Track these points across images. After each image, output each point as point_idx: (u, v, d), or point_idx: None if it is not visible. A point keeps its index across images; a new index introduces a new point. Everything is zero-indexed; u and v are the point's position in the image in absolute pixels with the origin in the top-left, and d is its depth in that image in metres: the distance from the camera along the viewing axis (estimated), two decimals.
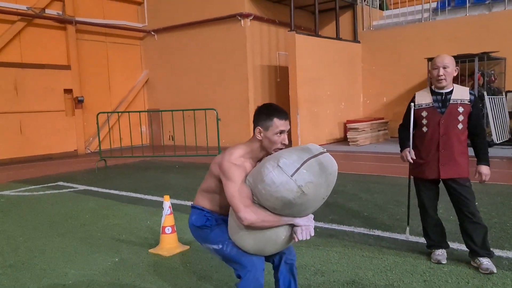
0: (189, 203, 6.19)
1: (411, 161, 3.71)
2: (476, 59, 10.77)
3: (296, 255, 3.91)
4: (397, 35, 13.82)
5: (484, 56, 10.98)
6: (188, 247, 4.33)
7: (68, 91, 13.84)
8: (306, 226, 2.24)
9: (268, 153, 2.42)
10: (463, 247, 3.92)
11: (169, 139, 14.72)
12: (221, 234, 2.44)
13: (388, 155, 10.36)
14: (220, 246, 2.41)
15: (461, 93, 3.55)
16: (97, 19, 14.64)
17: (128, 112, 10.95)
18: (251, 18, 13.00)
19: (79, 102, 13.90)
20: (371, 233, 4.55)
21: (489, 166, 3.54)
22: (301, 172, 2.11)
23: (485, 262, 3.47)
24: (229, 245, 2.39)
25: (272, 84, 14.02)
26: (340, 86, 13.56)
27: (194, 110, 9.43)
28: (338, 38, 13.76)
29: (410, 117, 3.72)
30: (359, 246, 4.16)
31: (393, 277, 3.45)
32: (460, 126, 3.54)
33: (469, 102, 3.52)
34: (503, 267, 3.51)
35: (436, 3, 14.09)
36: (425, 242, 3.89)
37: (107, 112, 10.69)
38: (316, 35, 12.85)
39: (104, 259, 4.11)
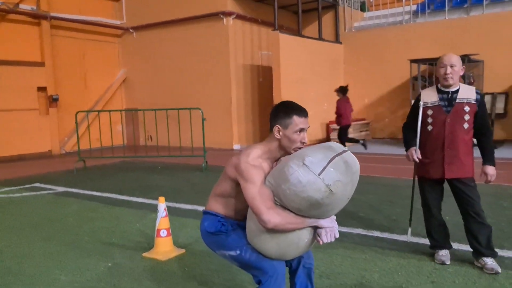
0: (178, 205, 6.00)
1: (417, 160, 3.67)
2: None
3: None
4: (379, 37, 13.94)
5: (464, 59, 11.17)
6: (184, 250, 4.16)
7: (42, 89, 13.33)
8: (330, 228, 2.14)
9: (287, 153, 2.31)
10: (463, 247, 3.93)
11: (148, 139, 14.39)
12: (239, 240, 2.31)
13: (373, 156, 10.39)
14: (238, 252, 2.28)
15: (467, 93, 3.52)
16: (73, 15, 14.16)
17: (109, 111, 10.60)
18: (234, 16, 12.86)
19: (53, 100, 13.40)
20: (370, 234, 4.50)
21: (495, 166, 3.53)
22: (328, 170, 2.00)
23: (490, 262, 3.45)
24: (248, 250, 2.26)
25: (255, 84, 13.91)
26: (322, 87, 13.56)
27: (178, 109, 9.20)
28: (320, 38, 13.78)
29: (418, 115, 3.66)
30: (360, 248, 4.08)
31: (400, 279, 3.39)
32: (466, 125, 3.51)
33: (475, 101, 3.49)
34: (506, 266, 3.50)
35: (416, 5, 14.29)
36: (427, 243, 3.85)
37: (87, 111, 10.33)
38: (300, 35, 12.81)
39: (96, 264, 3.89)
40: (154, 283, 3.45)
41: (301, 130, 2.25)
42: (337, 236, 2.16)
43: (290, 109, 2.26)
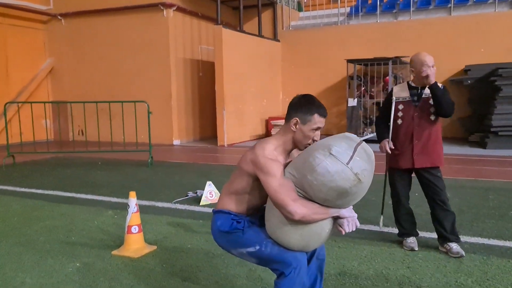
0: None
1: (389, 151, 3.86)
2: (390, 62, 11.66)
3: None
4: (315, 36, 14.39)
5: (397, 60, 11.93)
6: (155, 247, 4.00)
7: None
8: (352, 217, 2.18)
9: (297, 148, 2.32)
10: (424, 234, 4.20)
11: (79, 134, 13.56)
12: (256, 235, 2.27)
13: None
14: (258, 247, 2.23)
15: None
16: None
17: (44, 102, 9.83)
18: (174, 8, 12.53)
19: None
20: None
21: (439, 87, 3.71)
22: (355, 159, 2.04)
23: (455, 246, 3.73)
24: (269, 244, 2.23)
25: (195, 79, 13.68)
26: (262, 83, 13.72)
27: (122, 102, 8.76)
28: (260, 35, 13.90)
29: (391, 110, 3.85)
30: (331, 237, 4.20)
31: (378, 265, 3.54)
32: (432, 117, 3.76)
33: None
34: (467, 250, 3.79)
35: (350, 8, 14.96)
36: (394, 231, 4.07)
37: (17, 102, 9.46)
38: (241, 31, 12.83)
39: (62, 265, 3.60)
40: (135, 282, 3.27)
41: (318, 128, 2.27)
42: (358, 225, 2.20)
43: (314, 106, 2.26)
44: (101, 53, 13.69)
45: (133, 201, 3.88)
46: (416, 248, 3.85)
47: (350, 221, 2.16)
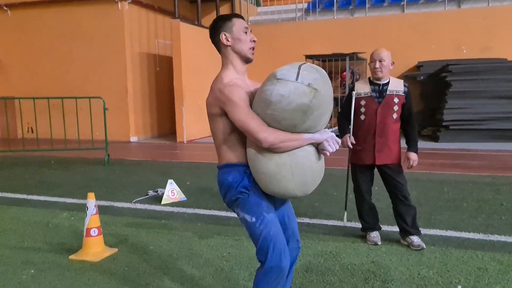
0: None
1: (351, 146, 3.89)
2: (347, 58, 11.87)
3: (242, 250, 3.80)
4: (274, 32, 14.41)
5: (354, 56, 12.16)
6: (116, 249, 3.84)
7: None
8: (330, 137, 2.08)
9: (246, 58, 2.22)
10: (386, 227, 4.29)
11: (28, 131, 12.90)
12: (258, 204, 2.13)
13: None
14: (254, 220, 2.11)
15: (396, 85, 3.83)
16: None
17: (5, 98, 9.21)
18: (129, 1, 12.14)
19: None
20: (300, 221, 4.64)
21: (417, 153, 3.91)
22: (302, 74, 1.99)
23: (416, 239, 3.83)
24: (263, 222, 2.10)
25: (152, 73, 13.35)
26: None
27: (76, 98, 8.37)
28: None
29: (351, 105, 3.88)
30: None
31: (344, 261, 3.57)
32: (394, 115, 3.82)
33: (403, 93, 3.82)
34: (427, 242, 3.91)
35: (307, 4, 15.09)
36: (358, 226, 4.13)
37: None
38: (199, 25, 12.62)
39: (14, 273, 3.38)
40: (95, 287, 3.12)
41: (246, 28, 2.21)
42: (340, 142, 2.12)
43: (226, 16, 2.23)
44: (52, 46, 13.07)
45: (91, 202, 3.70)
46: (379, 242, 3.92)
47: (330, 140, 2.08)
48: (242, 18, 2.25)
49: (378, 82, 3.83)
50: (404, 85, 3.86)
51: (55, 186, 6.56)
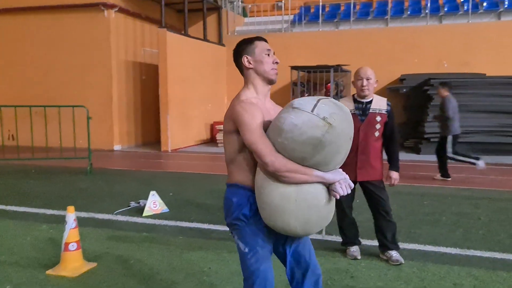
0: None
1: None
2: (332, 70, 12.01)
3: (223, 265, 3.79)
4: None
5: (338, 68, 12.32)
6: (95, 264, 3.80)
7: None
8: (343, 179, 2.00)
9: (268, 80, 2.20)
10: (366, 241, 4.33)
11: (9, 138, 12.70)
12: (254, 236, 2.12)
13: None
14: (246, 250, 2.12)
15: (379, 104, 3.89)
16: None
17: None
18: (116, 9, 12.11)
19: None
20: None
21: (398, 171, 3.97)
22: (320, 106, 1.93)
23: (394, 254, 3.88)
24: (255, 256, 2.10)
25: (137, 82, 13.30)
26: (207, 87, 13.61)
27: (59, 106, 8.29)
28: (205, 39, 13.79)
29: None
30: None
31: (324, 276, 3.55)
32: (376, 133, 3.87)
33: (386, 112, 3.87)
34: (405, 257, 3.96)
35: (293, 16, 15.25)
36: (338, 239, 4.16)
37: None
38: (186, 34, 12.65)
39: None
40: None
41: (269, 50, 2.22)
42: (352, 186, 2.03)
43: (249, 39, 2.26)
44: (35, 54, 12.93)
45: (71, 216, 3.67)
46: (359, 257, 3.96)
47: (343, 183, 2.00)
48: (265, 40, 2.27)
49: (362, 100, 3.88)
50: (387, 104, 3.91)
51: (34, 196, 6.48)
